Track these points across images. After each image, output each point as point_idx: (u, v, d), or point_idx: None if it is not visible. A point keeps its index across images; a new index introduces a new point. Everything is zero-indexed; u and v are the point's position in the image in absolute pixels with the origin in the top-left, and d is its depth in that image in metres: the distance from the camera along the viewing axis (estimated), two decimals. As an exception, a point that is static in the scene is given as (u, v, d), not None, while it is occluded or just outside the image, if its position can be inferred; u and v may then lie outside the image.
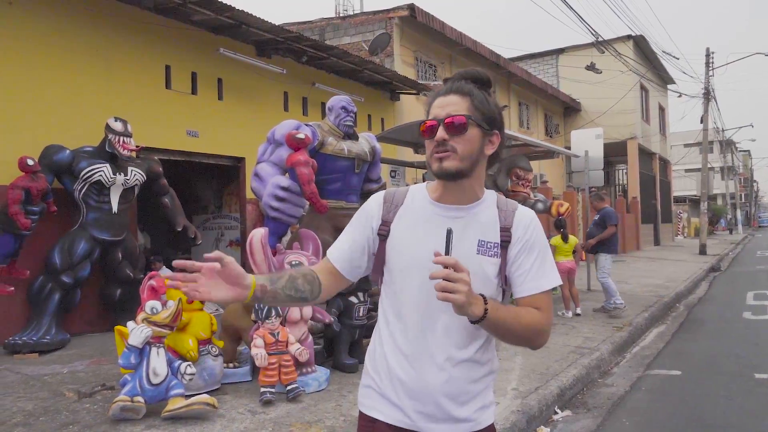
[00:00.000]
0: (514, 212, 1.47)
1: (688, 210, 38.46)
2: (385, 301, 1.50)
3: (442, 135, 1.38)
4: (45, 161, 5.80)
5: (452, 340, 1.40)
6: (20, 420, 3.69)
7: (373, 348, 1.52)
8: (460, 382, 1.40)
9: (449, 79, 1.48)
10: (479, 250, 1.41)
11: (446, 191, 1.44)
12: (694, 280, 12.01)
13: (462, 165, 1.39)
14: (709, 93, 21.39)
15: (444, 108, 1.41)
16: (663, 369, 5.51)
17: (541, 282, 1.43)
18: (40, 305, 5.74)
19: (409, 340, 1.42)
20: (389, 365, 1.44)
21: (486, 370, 1.46)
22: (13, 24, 6.05)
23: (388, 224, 1.47)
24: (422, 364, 1.40)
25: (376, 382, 1.47)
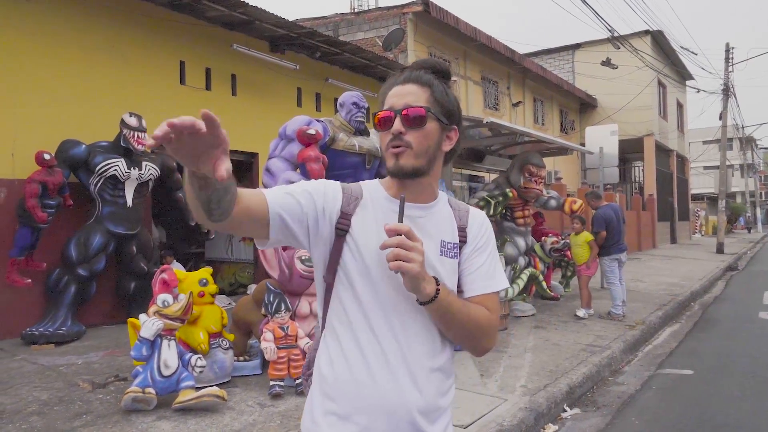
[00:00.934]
0: (467, 212, 1.41)
1: (706, 208, 37.94)
2: (343, 307, 1.29)
3: (398, 127, 1.27)
4: (61, 156, 5.89)
5: (425, 348, 1.27)
6: (36, 409, 3.77)
7: (327, 365, 1.29)
8: (433, 396, 1.28)
9: (407, 67, 1.36)
10: (441, 251, 1.32)
11: (402, 189, 1.31)
12: (710, 279, 11.86)
13: (418, 162, 1.28)
14: (729, 89, 21.06)
15: (402, 98, 1.30)
16: (675, 368, 5.47)
17: (492, 282, 1.36)
18: (57, 297, 5.84)
19: (382, 351, 1.24)
20: (356, 383, 1.24)
21: (452, 381, 1.36)
22: (31, 21, 6.14)
23: (349, 217, 1.29)
24: (396, 378, 1.24)
25: (339, 406, 1.25)
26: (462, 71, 14.35)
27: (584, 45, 21.97)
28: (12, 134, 5.93)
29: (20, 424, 3.51)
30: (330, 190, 1.32)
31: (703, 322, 7.84)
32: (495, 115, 15.19)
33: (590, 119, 21.08)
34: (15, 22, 6.00)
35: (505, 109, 16.47)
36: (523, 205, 7.79)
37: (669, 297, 8.96)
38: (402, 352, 1.25)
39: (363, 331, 1.26)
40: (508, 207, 7.73)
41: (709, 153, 38.01)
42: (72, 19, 6.49)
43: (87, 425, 3.48)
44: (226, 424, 3.52)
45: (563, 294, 8.88)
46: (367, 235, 1.29)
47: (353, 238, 1.29)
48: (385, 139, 1.31)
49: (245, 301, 4.83)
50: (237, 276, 9.28)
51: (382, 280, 1.26)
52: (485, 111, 15.07)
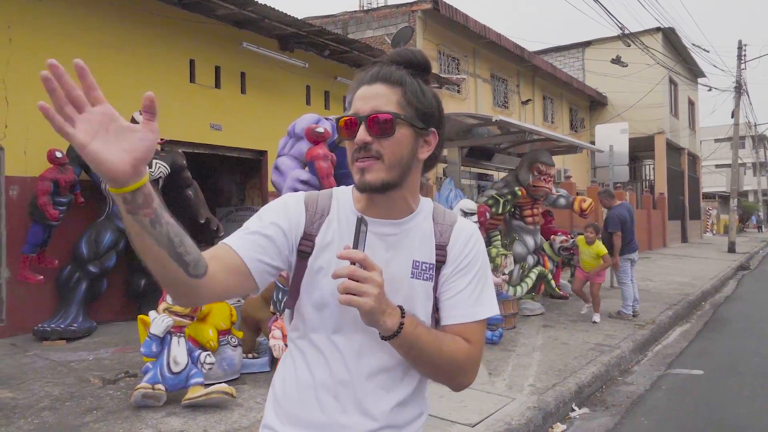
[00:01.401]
0: (452, 226, 1.22)
1: (718, 206, 37.62)
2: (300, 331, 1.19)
3: (363, 137, 1.09)
4: (73, 153, 5.93)
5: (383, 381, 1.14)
6: (47, 404, 3.81)
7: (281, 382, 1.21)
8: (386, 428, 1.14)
9: (377, 61, 1.17)
10: (413, 272, 1.16)
11: (372, 203, 1.16)
12: (721, 279, 11.76)
13: (389, 176, 1.10)
14: (741, 87, 20.86)
15: (367, 101, 1.11)
16: (685, 368, 5.43)
17: (476, 309, 1.17)
18: (68, 294, 5.90)
19: (331, 382, 1.13)
20: (302, 405, 1.15)
21: (415, 414, 1.20)
22: (43, 19, 6.19)
23: (312, 238, 1.15)
24: (345, 410, 1.13)
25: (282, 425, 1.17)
26: (471, 69, 14.31)
27: (594, 42, 21.83)
28: (24, 132, 5.99)
29: (32, 419, 3.55)
30: (292, 210, 1.18)
31: (714, 321, 7.78)
32: (504, 113, 15.14)
33: (600, 117, 20.95)
34: (27, 20, 6.06)
35: (514, 107, 16.41)
36: (532, 203, 7.77)
37: (679, 296, 8.90)
38: (353, 384, 1.13)
39: (315, 356, 1.15)
40: (517, 205, 7.71)
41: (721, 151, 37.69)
42: (83, 17, 6.54)
43: (98, 420, 3.52)
44: (234, 420, 3.54)
45: (572, 293, 8.84)
46: (331, 258, 1.14)
47: (317, 261, 1.15)
48: (350, 149, 1.14)
49: (254, 299, 4.85)
50: (246, 273, 9.31)
51: (337, 308, 1.10)
52: (494, 109, 15.02)
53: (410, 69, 1.15)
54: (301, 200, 1.20)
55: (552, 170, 7.72)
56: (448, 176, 8.46)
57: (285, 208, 1.18)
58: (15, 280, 5.80)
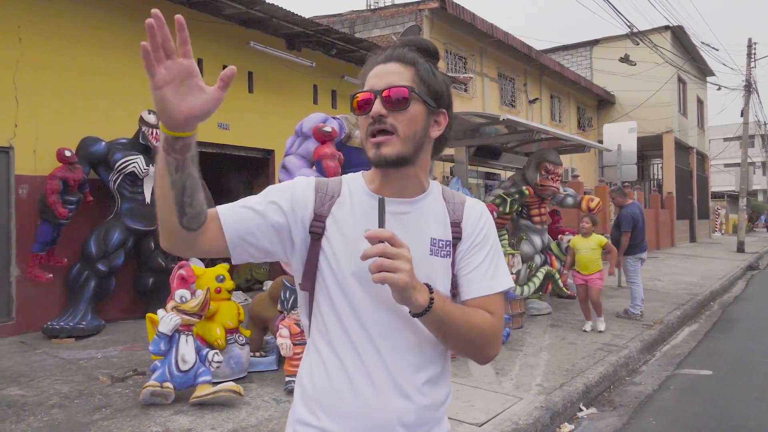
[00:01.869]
0: (463, 204, 1.26)
1: (727, 206, 37.35)
2: (321, 319, 1.19)
3: (378, 110, 1.12)
4: (82, 153, 5.98)
5: (410, 360, 1.16)
6: (56, 402, 3.84)
7: (309, 375, 1.20)
8: (422, 409, 1.16)
9: (390, 46, 1.22)
10: (432, 250, 1.18)
11: (386, 181, 1.19)
12: (730, 279, 11.68)
13: (404, 149, 1.14)
14: (751, 85, 20.69)
15: (383, 78, 1.15)
16: (693, 368, 5.40)
17: (494, 283, 1.21)
18: (77, 292, 5.93)
19: (362, 365, 1.14)
20: (336, 395, 1.15)
21: (445, 394, 1.23)
22: (52, 19, 6.23)
23: (323, 219, 1.18)
24: (379, 391, 1.13)
25: (317, 418, 1.16)
26: (478, 68, 14.28)
27: (602, 41, 21.73)
28: (34, 132, 6.03)
29: (42, 416, 3.58)
30: (300, 191, 1.20)
31: (723, 322, 7.72)
32: (512, 112, 15.09)
33: (608, 116, 20.85)
34: (36, 20, 6.09)
35: (521, 106, 16.36)
36: (539, 202, 7.74)
37: (688, 296, 8.84)
38: (384, 364, 1.14)
39: (341, 341, 1.16)
40: (524, 205, 7.68)
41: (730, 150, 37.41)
42: (91, 17, 6.57)
43: (106, 418, 3.54)
44: (242, 419, 3.55)
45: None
46: (344, 237, 1.17)
47: (329, 241, 1.17)
48: (364, 124, 1.16)
49: (261, 298, 4.87)
50: (253, 272, 9.34)
51: (359, 288, 1.14)
52: (502, 108, 14.98)
53: (421, 53, 1.19)
54: (312, 183, 1.23)
55: (559, 169, 7.69)
56: (456, 175, 8.44)
57: (292, 189, 1.21)
58: (24, 278, 5.85)
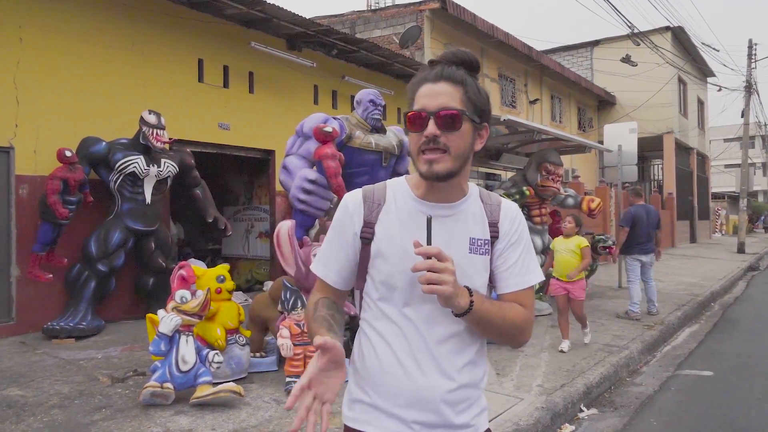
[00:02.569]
0: (499, 206, 1.39)
1: (727, 207, 37.32)
2: (372, 309, 1.36)
3: (433, 131, 1.23)
4: (82, 153, 5.97)
5: (454, 344, 1.31)
6: (57, 402, 3.84)
7: (360, 359, 1.37)
8: (462, 388, 1.31)
9: (436, 62, 1.31)
10: (471, 248, 1.32)
11: (432, 189, 1.32)
12: (730, 279, 11.67)
13: (454, 166, 1.27)
14: (751, 86, 20.68)
15: (434, 98, 1.25)
16: (694, 369, 5.39)
17: (526, 278, 1.36)
18: (77, 292, 5.93)
19: (409, 349, 1.29)
20: (385, 374, 1.31)
21: (482, 372, 1.39)
22: (53, 20, 6.23)
23: (372, 226, 1.33)
24: (425, 373, 1.29)
25: (368, 396, 1.33)
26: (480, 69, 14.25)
27: (603, 42, 21.72)
28: (34, 132, 6.03)
29: (42, 417, 3.57)
30: (348, 209, 1.37)
31: (724, 322, 7.72)
32: (512, 112, 15.09)
33: (609, 117, 20.84)
34: (37, 20, 6.09)
35: (522, 106, 16.35)
36: (540, 203, 7.73)
37: (688, 297, 8.84)
38: (429, 348, 1.29)
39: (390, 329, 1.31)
40: (524, 205, 7.67)
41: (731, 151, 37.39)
42: (92, 17, 6.57)
43: (106, 419, 3.53)
44: (242, 419, 3.54)
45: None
46: (391, 240, 1.31)
47: (377, 245, 1.32)
48: (416, 140, 1.27)
49: (262, 298, 4.86)
50: (254, 273, 9.35)
51: (406, 286, 1.29)
52: (502, 108, 14.98)
53: (466, 68, 1.30)
54: (359, 195, 1.37)
55: (560, 170, 7.68)
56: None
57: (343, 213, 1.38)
58: (25, 278, 5.85)
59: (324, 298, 1.39)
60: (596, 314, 7.36)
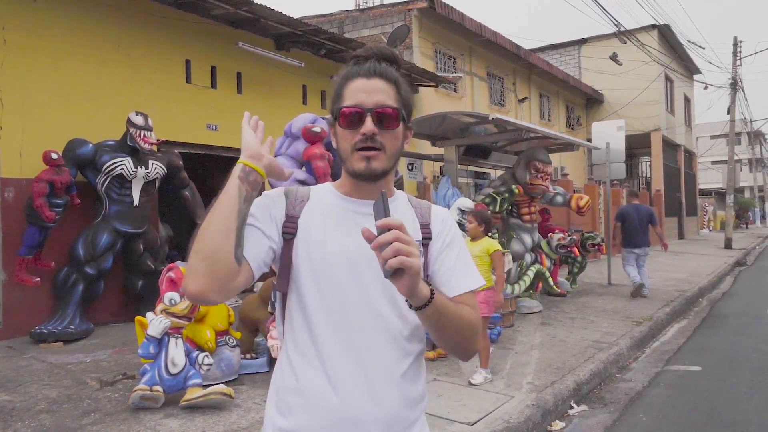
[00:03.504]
0: (429, 209, 1.34)
1: (714, 203, 37.70)
2: (290, 316, 1.24)
3: (371, 128, 1.18)
4: (68, 155, 5.92)
5: (384, 355, 1.19)
6: (45, 407, 3.80)
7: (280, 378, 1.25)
8: (396, 407, 1.19)
9: (359, 56, 1.26)
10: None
11: (358, 188, 1.26)
12: (718, 275, 11.79)
13: (389, 164, 1.23)
14: (737, 83, 20.89)
15: (371, 95, 1.20)
16: (683, 365, 5.44)
17: (470, 280, 1.28)
18: (65, 296, 5.87)
19: (332, 359, 1.17)
20: (307, 393, 1.18)
21: (420, 392, 1.26)
22: (37, 21, 6.16)
23: (295, 220, 1.23)
24: (350, 388, 1.16)
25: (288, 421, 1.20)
26: (467, 67, 14.31)
27: (590, 40, 21.87)
28: (20, 134, 5.96)
29: (30, 422, 3.54)
30: (272, 198, 1.26)
31: (712, 318, 7.79)
32: (501, 111, 15.14)
33: (597, 115, 20.97)
34: (21, 21, 6.03)
35: (511, 105, 16.41)
36: (529, 201, 7.77)
37: (677, 293, 8.91)
38: (357, 360, 1.17)
39: (307, 341, 1.20)
40: (514, 203, 7.71)
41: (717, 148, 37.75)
42: (77, 18, 6.51)
43: (95, 423, 3.50)
44: (233, 421, 3.53)
45: (570, 290, 8.86)
46: (315, 237, 1.22)
47: (303, 241, 1.22)
48: (349, 137, 1.21)
49: (252, 299, 4.84)
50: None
51: (330, 285, 1.19)
52: (491, 107, 15.03)
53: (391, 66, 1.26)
54: (281, 190, 1.29)
55: (549, 168, 7.72)
56: (445, 175, 8.45)
57: (266, 200, 1.26)
58: (11, 282, 5.78)
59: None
60: (586, 311, 7.42)
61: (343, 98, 1.23)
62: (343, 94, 1.23)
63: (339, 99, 1.24)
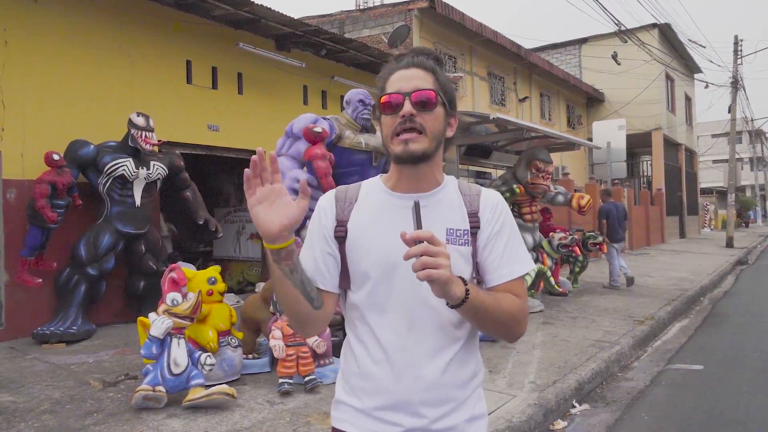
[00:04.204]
0: (479, 195, 1.35)
1: (716, 202, 37.66)
2: (351, 309, 1.35)
3: (409, 109, 1.24)
4: (70, 156, 5.93)
5: (433, 342, 1.27)
6: (47, 408, 3.81)
7: (345, 363, 1.38)
8: (445, 387, 1.27)
9: (403, 54, 1.34)
10: (448, 239, 1.27)
11: (403, 178, 1.31)
12: (719, 274, 11.78)
13: (429, 146, 1.27)
14: (738, 82, 20.88)
15: (409, 81, 1.27)
16: (685, 363, 5.44)
17: (515, 267, 1.31)
18: (67, 296, 5.88)
19: (388, 346, 1.27)
20: (366, 377, 1.29)
21: (470, 373, 1.33)
22: (38, 22, 6.17)
23: (344, 224, 1.31)
24: (404, 370, 1.26)
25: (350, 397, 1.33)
26: (468, 67, 14.30)
27: (591, 39, 21.85)
28: (21, 135, 5.98)
29: (33, 423, 3.55)
30: (322, 209, 1.35)
31: (713, 317, 7.79)
32: (501, 110, 15.14)
33: (597, 114, 20.97)
34: (22, 23, 6.04)
35: (511, 104, 16.41)
36: (530, 200, 7.77)
37: (678, 292, 8.91)
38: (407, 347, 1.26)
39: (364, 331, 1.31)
40: (515, 203, 7.71)
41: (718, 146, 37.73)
42: (78, 19, 6.52)
43: (98, 423, 3.51)
44: (235, 421, 3.54)
45: (571, 290, 8.86)
46: (366, 234, 1.30)
47: (352, 241, 1.30)
48: (390, 123, 1.27)
49: (254, 299, 4.85)
50: (245, 274, 9.31)
51: (380, 280, 1.27)
52: (492, 107, 15.02)
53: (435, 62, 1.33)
54: (332, 196, 1.37)
55: (550, 167, 7.73)
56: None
57: (316, 215, 1.36)
58: (14, 283, 5.79)
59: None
60: (587, 310, 7.42)
61: (387, 88, 1.30)
62: (387, 85, 1.30)
63: (385, 88, 1.30)
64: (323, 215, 1.35)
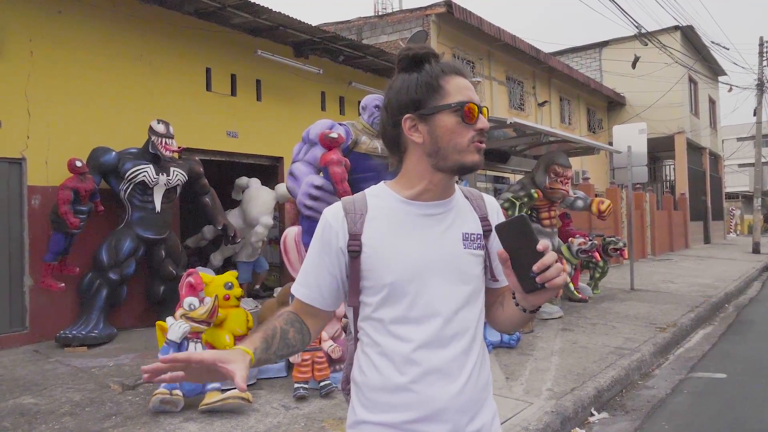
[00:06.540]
0: (483, 199, 1.40)
1: (741, 206, 36.90)
2: (369, 322, 1.29)
3: (487, 124, 1.28)
4: (92, 163, 6.05)
5: (460, 347, 1.27)
6: (68, 410, 3.88)
7: (362, 377, 1.30)
8: (471, 391, 1.28)
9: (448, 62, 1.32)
10: (465, 243, 1.29)
11: (432, 187, 1.30)
12: (745, 280, 11.52)
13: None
14: (763, 84, 20.46)
15: (474, 93, 1.29)
16: (707, 372, 5.33)
17: None
18: (89, 301, 5.99)
19: (418, 357, 1.24)
20: (397, 389, 1.24)
21: (487, 373, 1.36)
22: (63, 32, 6.32)
23: (358, 237, 1.26)
24: (436, 381, 1.24)
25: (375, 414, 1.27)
26: (486, 72, 14.26)
27: (612, 42, 21.62)
28: (46, 142, 6.11)
29: (53, 425, 3.61)
30: (329, 223, 1.31)
31: (738, 324, 7.62)
32: (520, 115, 15.05)
33: (619, 118, 20.72)
34: (47, 33, 6.19)
35: (530, 109, 16.30)
36: (549, 205, 7.70)
37: (702, 298, 8.74)
38: (431, 358, 1.24)
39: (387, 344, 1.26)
40: (533, 208, 7.65)
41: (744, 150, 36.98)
42: (101, 29, 6.66)
43: (117, 426, 3.56)
44: (251, 425, 3.56)
45: (591, 296, 8.74)
46: (385, 247, 1.26)
47: (367, 256, 1.26)
48: (464, 132, 1.25)
49: (271, 304, 4.89)
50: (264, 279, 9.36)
51: (407, 293, 1.25)
52: (510, 111, 14.94)
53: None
54: (339, 209, 1.32)
55: (569, 172, 7.65)
56: (464, 179, 8.43)
57: (323, 229, 1.32)
58: (37, 287, 5.92)
59: (291, 312, 1.33)
60: (608, 317, 7.31)
61: (448, 92, 1.26)
62: (445, 88, 1.26)
63: (440, 92, 1.26)
64: (328, 229, 1.30)
